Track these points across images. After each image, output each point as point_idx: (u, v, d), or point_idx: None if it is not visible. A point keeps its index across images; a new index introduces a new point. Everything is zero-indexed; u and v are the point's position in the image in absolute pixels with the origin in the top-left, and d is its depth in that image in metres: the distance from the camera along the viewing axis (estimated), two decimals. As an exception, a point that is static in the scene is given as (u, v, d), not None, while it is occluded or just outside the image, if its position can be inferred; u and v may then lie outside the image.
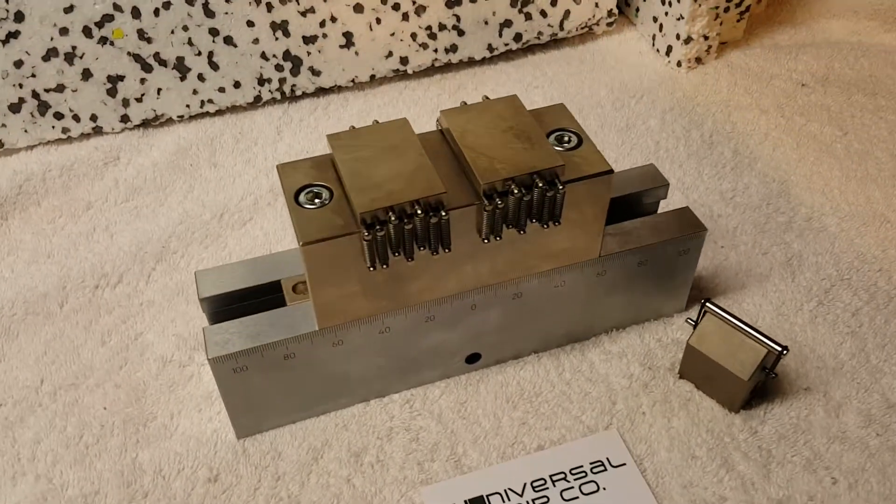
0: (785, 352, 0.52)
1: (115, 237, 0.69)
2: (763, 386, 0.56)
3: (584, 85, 0.83)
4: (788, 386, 0.57)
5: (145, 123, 0.78)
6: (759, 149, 0.76)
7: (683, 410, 0.55)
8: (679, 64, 0.84)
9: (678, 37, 0.82)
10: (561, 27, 0.85)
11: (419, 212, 0.46)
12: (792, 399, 0.56)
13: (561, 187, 0.47)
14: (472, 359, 0.57)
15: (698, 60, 0.84)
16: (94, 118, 0.76)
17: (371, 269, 0.47)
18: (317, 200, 0.48)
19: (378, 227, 0.45)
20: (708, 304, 0.54)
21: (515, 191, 0.47)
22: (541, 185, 0.47)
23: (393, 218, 0.45)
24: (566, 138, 0.52)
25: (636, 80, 0.84)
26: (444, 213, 0.46)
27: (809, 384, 0.56)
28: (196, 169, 0.75)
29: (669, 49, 0.84)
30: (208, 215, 0.70)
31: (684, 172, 0.73)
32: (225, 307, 0.54)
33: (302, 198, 0.48)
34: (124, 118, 0.77)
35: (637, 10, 0.89)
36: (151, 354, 0.59)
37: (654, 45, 0.87)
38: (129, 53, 0.73)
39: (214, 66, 0.76)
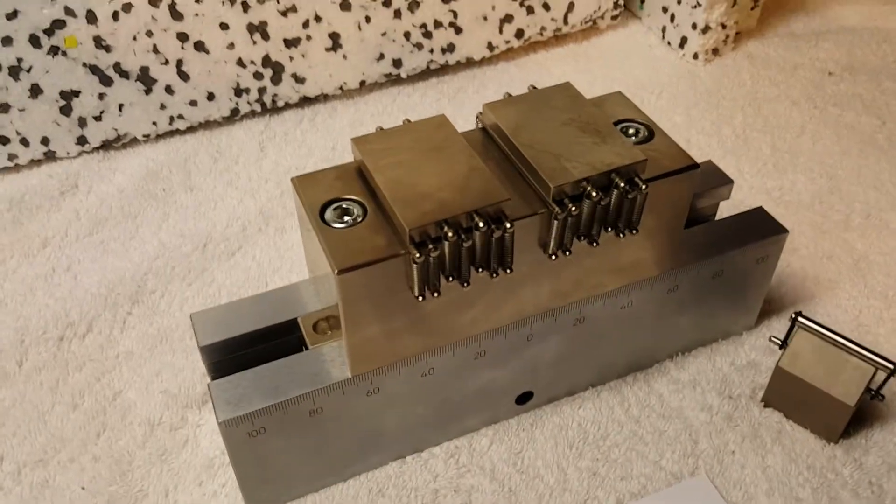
0: (901, 369, 0.44)
1: (79, 278, 0.58)
2: (858, 410, 0.48)
3: (596, 83, 0.76)
4: (885, 407, 0.49)
5: (106, 145, 0.68)
6: (797, 143, 0.69)
7: (777, 445, 0.47)
8: (696, 56, 0.77)
9: (694, 26, 0.76)
10: (565, 21, 0.78)
11: (480, 224, 0.37)
12: (893, 422, 0.48)
13: (644, 187, 0.39)
14: (523, 398, 0.48)
15: (715, 52, 0.77)
16: (45, 141, 0.66)
17: (420, 298, 0.38)
18: (347, 218, 0.39)
19: (431, 245, 0.36)
20: (800, 318, 0.47)
21: (593, 193, 0.38)
22: (622, 185, 0.39)
23: (450, 234, 0.36)
24: (633, 130, 0.43)
25: (651, 76, 0.76)
26: (508, 226, 0.37)
27: (913, 404, 0.49)
28: (170, 194, 0.65)
29: (684, 41, 0.77)
30: (189, 246, 0.60)
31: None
32: (230, 356, 0.44)
33: (328, 215, 0.39)
34: (81, 140, 0.67)
35: (642, 1, 0.82)
36: (135, 417, 0.49)
37: (664, 37, 0.80)
38: (84, 65, 0.64)
39: (184, 76, 0.67)
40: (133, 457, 0.47)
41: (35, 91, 0.65)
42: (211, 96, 0.69)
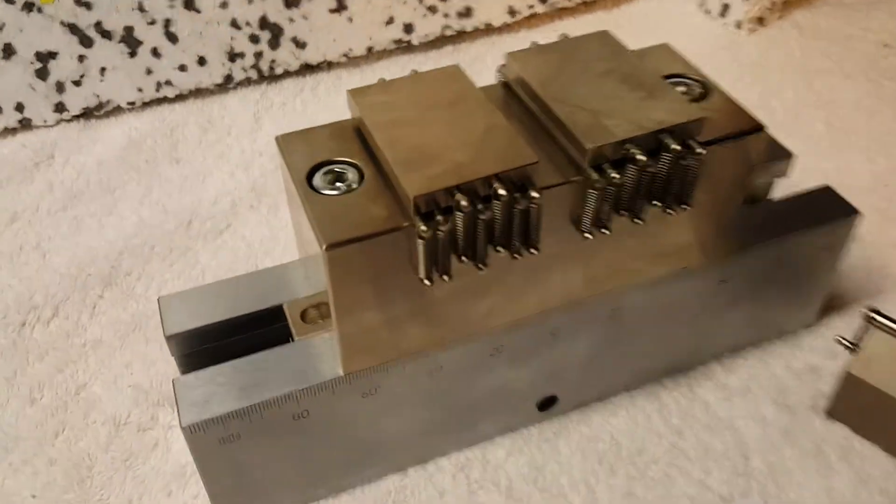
0: None
1: (48, 257, 0.52)
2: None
3: (628, 54, 0.68)
4: (967, 421, 0.42)
5: (86, 113, 0.62)
6: (852, 119, 0.62)
7: (844, 464, 0.40)
8: (739, 25, 0.70)
9: (738, -8, 0.68)
10: (595, -15, 0.71)
11: (501, 192, 0.30)
12: (978, 438, 0.41)
13: (701, 151, 0.32)
14: (547, 404, 0.42)
15: (760, 21, 0.70)
16: (19, 108, 0.61)
17: (426, 282, 0.31)
18: (340, 184, 0.32)
19: (440, 217, 0.30)
20: (876, 316, 0.39)
21: (639, 157, 0.31)
22: (675, 148, 0.32)
23: (463, 203, 0.29)
24: (685, 87, 0.36)
25: (690, 47, 0.68)
26: (534, 195, 0.30)
27: None
28: (154, 167, 0.58)
29: (725, 9, 0.70)
30: (172, 224, 0.53)
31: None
32: (203, 346, 0.38)
33: (318, 181, 0.32)
34: (59, 107, 0.61)
35: (680, -34, 0.75)
36: (99, 415, 0.43)
37: (702, 5, 0.73)
38: (62, 23, 0.58)
39: (173, 37, 0.61)
40: (94, 461, 0.41)
41: (7, 52, 0.58)
42: (202, 61, 0.63)
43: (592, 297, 0.37)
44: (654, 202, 0.34)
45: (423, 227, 0.29)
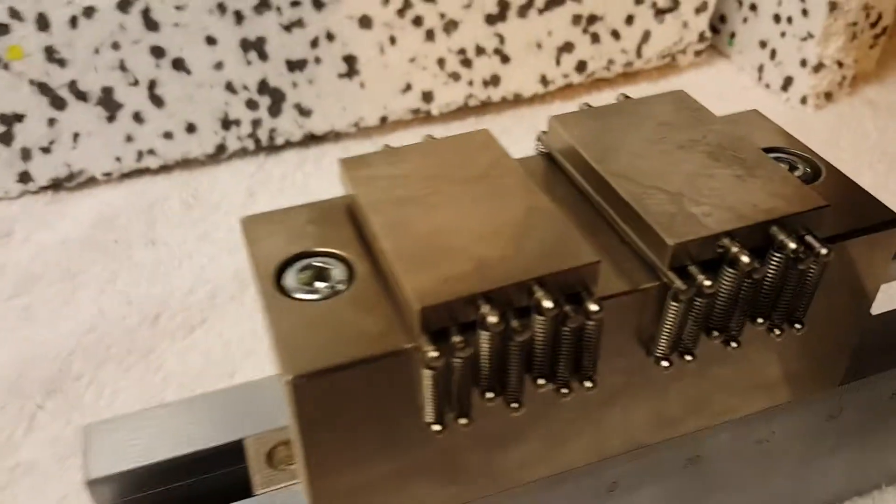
0: None
1: (-15, 354, 0.43)
2: None
3: (677, 130, 0.60)
4: None
5: (55, 184, 0.54)
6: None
7: None
8: (804, 101, 0.62)
9: (803, 63, 0.60)
10: (638, 54, 0.63)
11: (546, 304, 0.21)
12: None
13: (824, 252, 0.23)
14: (595, 573, 0.31)
15: (828, 96, 0.62)
16: (-22, 177, 0.52)
17: (437, 428, 0.22)
18: (321, 284, 0.23)
19: (457, 338, 0.20)
20: None
21: (743, 259, 0.22)
22: (791, 246, 0.22)
23: (492, 319, 0.20)
24: (788, 164, 0.28)
25: (748, 124, 0.61)
26: (593, 307, 0.21)
27: None
28: (124, 248, 0.50)
29: (788, 82, 0.62)
30: (136, 318, 0.45)
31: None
32: (139, 495, 0.28)
33: (290, 279, 0.23)
34: (24, 177, 0.54)
35: (732, 35, 0.67)
36: (14, 569, 0.33)
37: (761, 78, 0.65)
38: (31, 82, 0.51)
39: (158, 101, 0.53)
40: None
41: (-33, 112, 0.51)
42: (191, 128, 0.55)
43: (665, 443, 0.28)
44: (758, 319, 0.24)
45: (433, 353, 0.20)
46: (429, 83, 0.59)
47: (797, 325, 0.25)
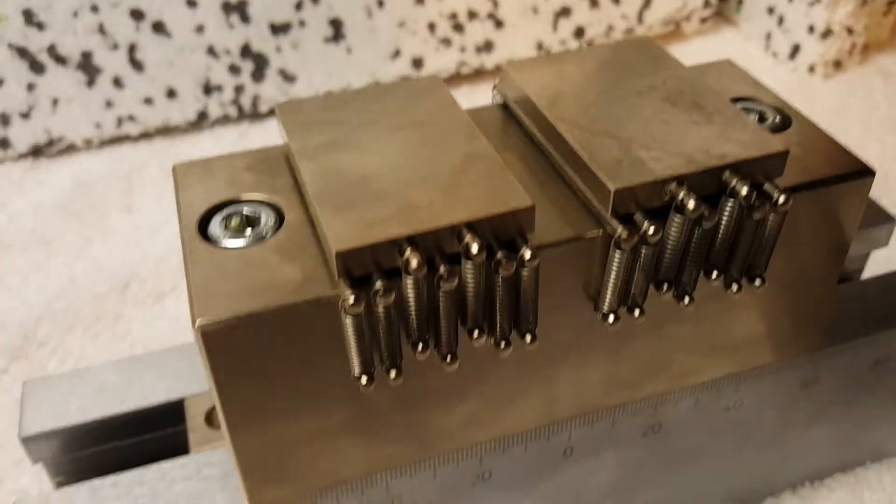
0: None
1: (-48, 320, 0.43)
2: None
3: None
4: None
5: (35, 151, 0.53)
6: (953, 182, 0.50)
7: None
8: (812, 69, 0.59)
9: (811, 30, 0.58)
10: (639, 20, 0.61)
11: (475, 249, 0.19)
12: None
13: (783, 199, 0.21)
14: (556, 545, 0.30)
15: (837, 65, 0.60)
16: (-44, 142, 0.52)
17: (364, 381, 0.21)
18: (247, 230, 0.22)
19: (380, 284, 0.19)
20: None
21: (690, 205, 0.20)
22: (744, 194, 0.21)
23: (413, 262, 0.19)
24: (758, 113, 0.26)
25: (749, 93, 0.59)
26: (529, 255, 0.20)
27: None
28: (100, 216, 0.49)
29: (796, 49, 0.60)
30: (105, 285, 0.44)
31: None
32: (79, 453, 0.27)
33: (215, 226, 0.22)
34: (2, 143, 0.52)
35: (740, 1, 0.65)
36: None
37: (768, 46, 0.63)
38: (10, 46, 0.50)
39: (138, 65, 0.52)
40: None
41: (-55, 77, 0.50)
42: (172, 93, 0.54)
43: (621, 406, 0.26)
44: (712, 273, 0.23)
45: (351, 298, 0.19)
46: (419, 49, 0.58)
47: (757, 280, 0.23)
